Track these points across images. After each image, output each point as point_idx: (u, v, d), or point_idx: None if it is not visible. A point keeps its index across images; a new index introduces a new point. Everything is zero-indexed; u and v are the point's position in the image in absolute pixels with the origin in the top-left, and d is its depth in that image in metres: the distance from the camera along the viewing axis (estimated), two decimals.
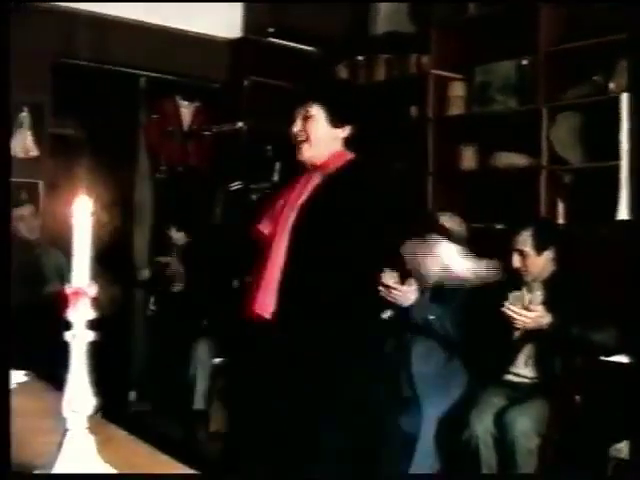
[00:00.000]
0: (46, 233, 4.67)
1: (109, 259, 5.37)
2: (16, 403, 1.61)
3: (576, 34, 4.17)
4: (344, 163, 2.63)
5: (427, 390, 3.60)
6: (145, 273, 5.81)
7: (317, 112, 2.58)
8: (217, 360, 4.99)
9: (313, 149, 2.59)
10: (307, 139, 2.59)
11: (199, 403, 4.98)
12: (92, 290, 1.34)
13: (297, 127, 2.60)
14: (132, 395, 5.86)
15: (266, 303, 2.46)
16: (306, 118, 2.58)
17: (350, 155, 2.65)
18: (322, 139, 2.59)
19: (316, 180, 2.60)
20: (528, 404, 3.39)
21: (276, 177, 5.15)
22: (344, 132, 2.63)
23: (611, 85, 3.99)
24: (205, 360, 5.01)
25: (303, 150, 2.60)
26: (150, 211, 5.88)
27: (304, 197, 2.56)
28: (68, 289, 1.34)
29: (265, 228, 2.59)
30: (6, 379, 1.55)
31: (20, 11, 4.49)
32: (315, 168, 2.62)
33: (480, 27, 4.67)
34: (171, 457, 1.62)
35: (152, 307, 5.70)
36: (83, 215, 1.34)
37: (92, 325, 1.37)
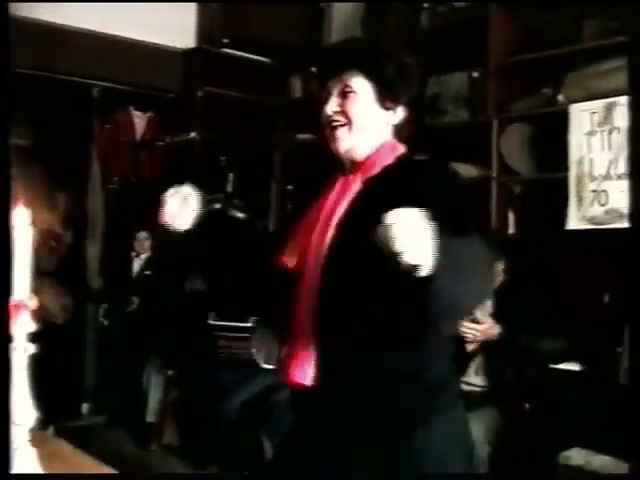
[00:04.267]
0: None
1: (61, 270, 5.36)
2: None
3: (526, 47, 4.24)
4: (394, 160, 1.91)
5: None
6: (96, 284, 5.77)
7: (361, 86, 1.87)
8: (170, 372, 4.97)
9: (355, 137, 1.88)
10: (348, 122, 1.88)
11: (151, 416, 4.95)
12: (32, 302, 1.33)
13: (333, 106, 1.88)
14: (85, 408, 5.79)
15: (305, 369, 1.78)
16: (345, 94, 1.87)
17: (402, 149, 1.94)
18: (369, 124, 1.89)
19: (357, 185, 1.88)
20: (479, 412, 3.41)
21: (229, 188, 5.14)
22: (396, 116, 1.92)
23: (560, 97, 4.05)
24: (158, 372, 4.98)
25: (341, 138, 1.88)
26: (102, 222, 5.82)
27: (341, 211, 1.84)
28: (9, 302, 1.33)
29: (290, 259, 1.86)
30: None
31: None
32: (356, 166, 1.90)
33: (432, 38, 4.70)
34: (118, 470, 1.62)
35: (103, 319, 5.66)
36: (22, 226, 1.33)
37: (42, 337, 1.37)
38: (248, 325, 4.39)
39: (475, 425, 3.32)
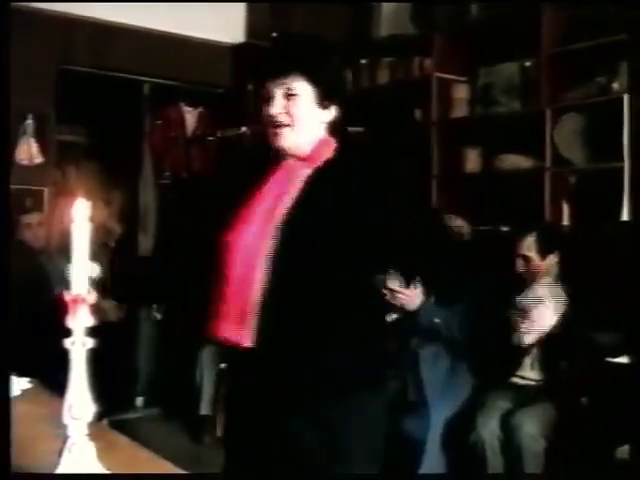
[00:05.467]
0: (51, 240, 4.68)
1: (115, 265, 5.42)
2: (19, 410, 1.61)
3: (579, 35, 4.16)
4: (332, 154, 2.08)
5: (434, 394, 3.60)
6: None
7: (304, 89, 2.01)
8: (223, 365, 4.99)
9: (297, 136, 2.03)
10: (291, 123, 2.02)
11: (205, 408, 4.99)
12: (91, 297, 1.34)
13: (278, 108, 2.01)
14: (139, 401, 5.86)
15: (242, 332, 1.93)
16: (288, 96, 2.01)
17: (334, 143, 2.11)
18: (309, 123, 2.05)
19: (301, 175, 2.04)
20: (534, 407, 3.38)
21: None
22: (330, 114, 2.08)
23: (614, 85, 3.98)
24: (211, 365, 5.01)
25: (284, 137, 2.02)
26: (155, 217, 5.88)
27: (290, 197, 2.01)
28: (67, 296, 1.34)
29: (235, 238, 1.98)
30: (7, 382, 1.55)
31: (23, 17, 4.52)
32: (298, 160, 2.06)
33: (483, 29, 4.66)
34: (173, 463, 1.62)
35: (156, 314, 5.71)
36: (81, 220, 1.34)
37: (97, 332, 1.38)
38: None
39: (531, 420, 3.30)
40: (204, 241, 2.05)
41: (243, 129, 5.43)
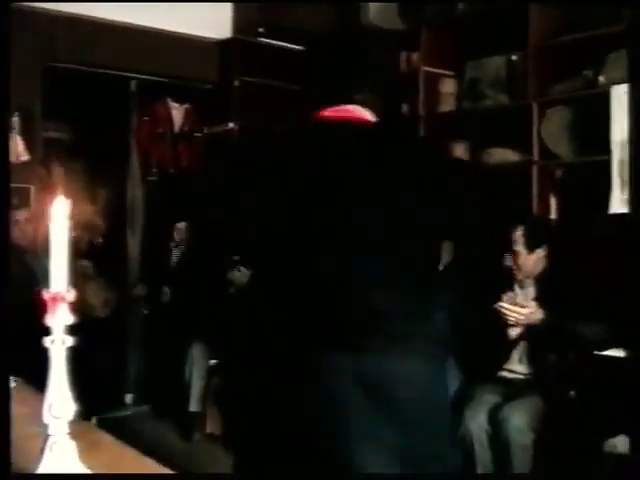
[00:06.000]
0: (37, 238, 4.65)
1: (102, 262, 5.41)
2: None
3: (565, 28, 4.16)
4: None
5: None
6: (136, 274, 5.80)
7: None
8: (213, 361, 4.98)
9: None
10: None
11: (195, 405, 4.98)
12: (70, 295, 1.33)
13: None
14: (128, 398, 5.84)
15: None
16: None
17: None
18: None
19: None
20: (522, 400, 3.38)
21: None
22: None
23: (601, 79, 3.98)
24: (200, 361, 5.00)
25: None
26: (142, 213, 5.86)
27: None
28: (46, 294, 1.33)
29: None
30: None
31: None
32: None
33: (470, 23, 4.66)
34: (157, 461, 1.61)
35: (143, 309, 5.70)
36: (61, 217, 1.32)
37: (85, 329, 1.36)
38: None
39: (519, 413, 3.30)
40: None
41: (230, 125, 5.41)
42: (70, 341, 1.33)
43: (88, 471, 1.37)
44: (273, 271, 1.92)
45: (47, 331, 1.33)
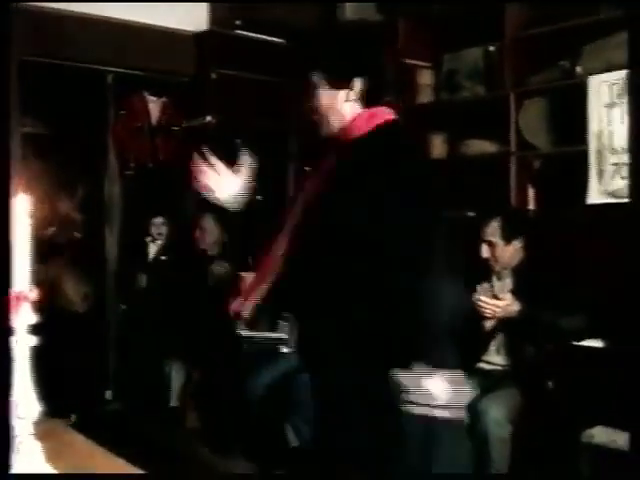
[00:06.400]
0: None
1: (80, 257, 5.37)
2: None
3: (542, 19, 4.16)
4: (374, 127, 2.14)
5: None
6: (114, 269, 5.76)
7: (319, 81, 2.12)
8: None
9: (329, 124, 2.13)
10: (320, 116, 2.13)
11: (175, 400, 4.96)
12: (33, 294, 1.30)
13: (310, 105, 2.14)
14: (108, 394, 5.80)
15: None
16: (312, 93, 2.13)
17: (388, 115, 2.21)
18: (326, 106, 2.12)
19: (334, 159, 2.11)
20: (500, 392, 3.39)
21: None
22: (354, 88, 2.12)
23: (578, 69, 3.98)
24: (179, 356, 4.98)
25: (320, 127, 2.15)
26: (120, 208, 5.81)
27: (319, 182, 2.08)
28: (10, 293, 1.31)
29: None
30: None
31: None
32: (339, 142, 2.13)
33: (447, 15, 4.64)
34: (127, 461, 1.60)
35: (121, 304, 5.66)
36: (22, 215, 1.30)
37: (64, 324, 1.35)
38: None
39: (497, 405, 3.30)
40: None
41: (208, 118, 5.37)
42: (33, 341, 1.31)
43: (55, 472, 1.35)
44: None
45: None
